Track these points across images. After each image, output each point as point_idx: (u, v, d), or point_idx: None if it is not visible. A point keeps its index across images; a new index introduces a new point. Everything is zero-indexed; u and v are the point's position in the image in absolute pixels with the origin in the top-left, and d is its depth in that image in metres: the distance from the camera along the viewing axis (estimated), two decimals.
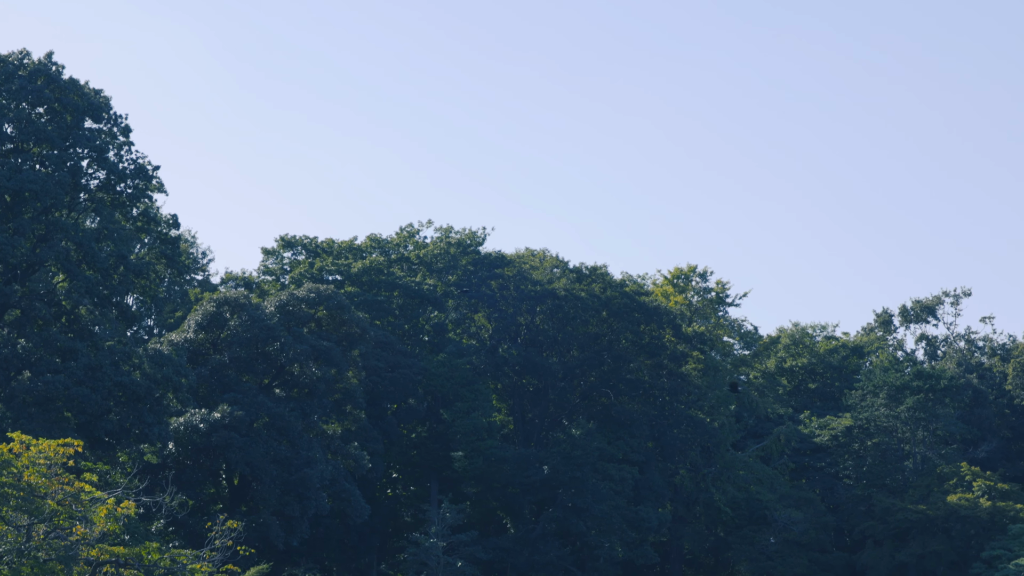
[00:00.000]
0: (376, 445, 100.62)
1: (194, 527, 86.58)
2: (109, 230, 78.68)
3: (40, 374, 72.03)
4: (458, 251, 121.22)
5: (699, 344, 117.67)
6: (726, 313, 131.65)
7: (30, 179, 74.23)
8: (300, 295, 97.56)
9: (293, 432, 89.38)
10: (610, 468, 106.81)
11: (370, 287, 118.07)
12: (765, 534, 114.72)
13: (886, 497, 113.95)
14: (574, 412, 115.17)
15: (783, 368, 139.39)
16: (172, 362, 79.12)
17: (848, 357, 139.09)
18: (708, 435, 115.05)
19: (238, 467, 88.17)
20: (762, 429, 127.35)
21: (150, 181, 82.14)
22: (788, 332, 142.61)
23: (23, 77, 77.12)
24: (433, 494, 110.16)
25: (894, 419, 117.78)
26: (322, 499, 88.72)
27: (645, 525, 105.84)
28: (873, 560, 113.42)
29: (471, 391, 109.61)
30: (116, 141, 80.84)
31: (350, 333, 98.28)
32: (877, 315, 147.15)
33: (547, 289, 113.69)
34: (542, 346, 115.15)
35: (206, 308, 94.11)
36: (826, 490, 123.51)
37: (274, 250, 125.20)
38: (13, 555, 40.36)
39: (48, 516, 40.01)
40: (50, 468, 40.70)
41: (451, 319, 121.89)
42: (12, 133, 77.64)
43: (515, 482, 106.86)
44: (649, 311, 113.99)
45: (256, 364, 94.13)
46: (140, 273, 79.88)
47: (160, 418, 77.37)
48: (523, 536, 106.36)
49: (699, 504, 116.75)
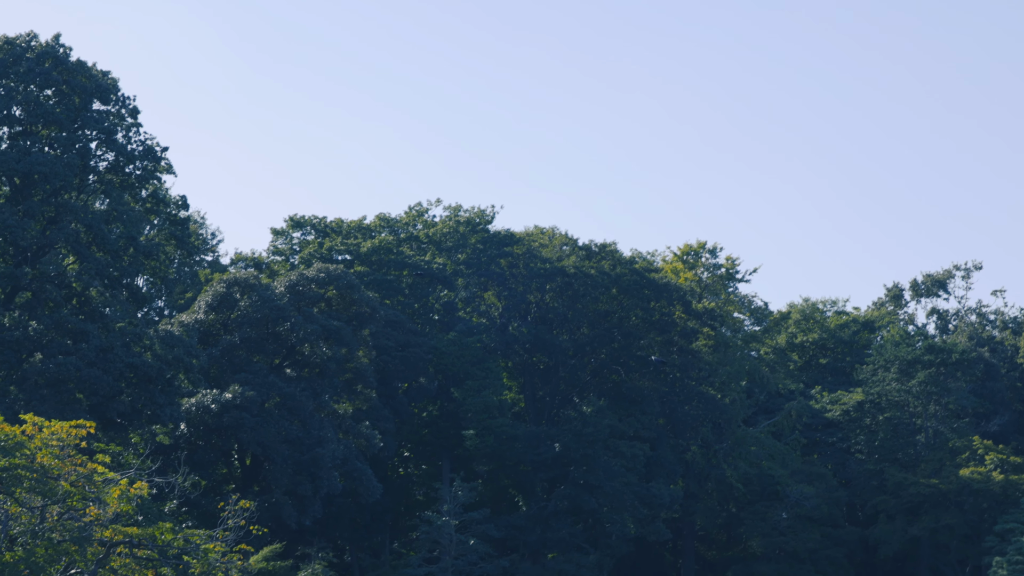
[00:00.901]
0: (387, 424, 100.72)
1: (207, 507, 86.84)
2: (118, 212, 78.72)
3: (52, 356, 72.14)
4: (467, 229, 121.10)
5: (709, 320, 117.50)
6: (736, 289, 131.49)
7: (39, 161, 74.25)
8: (310, 275, 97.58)
9: (304, 412, 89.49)
10: (621, 445, 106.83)
11: (379, 266, 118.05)
12: (777, 509, 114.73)
13: (898, 471, 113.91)
14: (585, 389, 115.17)
15: (794, 343, 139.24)
16: (183, 343, 79.21)
17: (859, 332, 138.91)
18: (719, 411, 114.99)
19: (250, 447, 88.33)
20: (773, 405, 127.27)
21: (159, 162, 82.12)
22: (798, 307, 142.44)
23: (31, 59, 77.07)
24: (445, 472, 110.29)
25: (906, 393, 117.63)
26: (334, 478, 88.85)
27: (657, 502, 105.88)
28: (886, 534, 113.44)
29: (482, 369, 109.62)
30: (124, 123, 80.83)
31: (360, 312, 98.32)
32: (888, 289, 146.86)
33: (557, 267, 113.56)
34: (552, 324, 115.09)
35: (216, 289, 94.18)
36: (838, 465, 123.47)
37: (283, 230, 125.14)
38: (27, 536, 40.49)
39: (61, 497, 40.11)
40: (63, 450, 40.81)
41: (461, 298, 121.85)
42: (20, 115, 77.65)
43: (526, 460, 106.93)
44: (659, 288, 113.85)
45: (267, 344, 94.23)
46: (150, 255, 79.94)
47: (172, 399, 77.50)
48: (535, 514, 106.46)
49: (711, 480, 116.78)
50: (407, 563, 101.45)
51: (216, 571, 43.34)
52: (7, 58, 76.94)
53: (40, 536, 40.29)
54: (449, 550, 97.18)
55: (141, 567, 42.42)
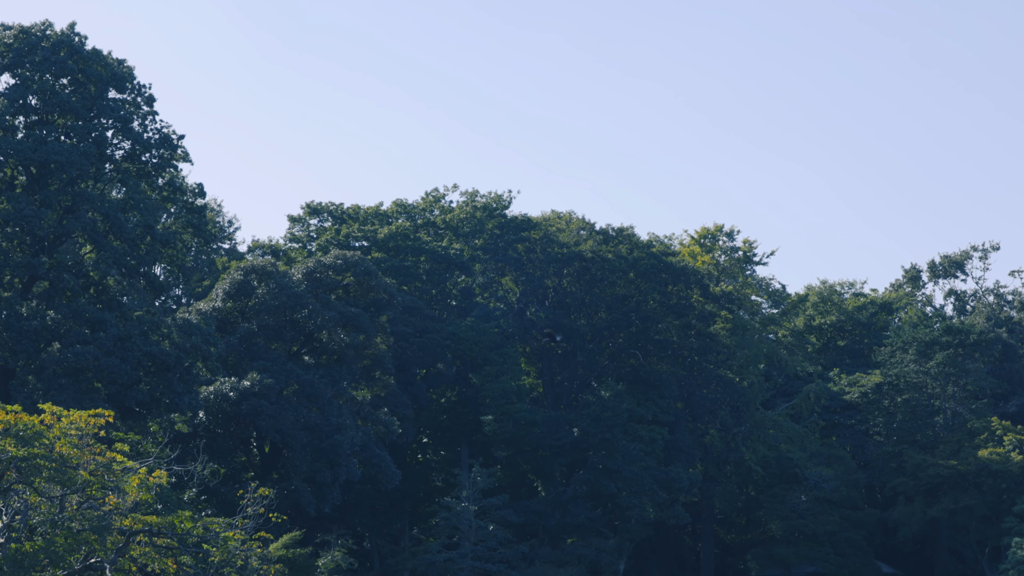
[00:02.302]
0: (406, 411, 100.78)
1: (226, 495, 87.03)
2: (135, 200, 78.79)
3: (70, 345, 72.27)
4: (484, 215, 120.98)
5: (727, 304, 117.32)
6: (753, 272, 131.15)
7: (55, 150, 74.35)
8: (327, 262, 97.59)
9: (323, 399, 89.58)
10: (640, 429, 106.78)
11: (397, 252, 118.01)
12: (796, 492, 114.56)
13: (917, 453, 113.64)
14: (603, 374, 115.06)
15: (812, 326, 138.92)
16: (201, 331, 79.30)
17: (877, 314, 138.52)
18: (738, 394, 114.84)
19: (269, 435, 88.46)
20: (792, 387, 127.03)
21: (175, 151, 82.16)
22: (816, 290, 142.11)
23: (46, 48, 77.12)
24: (464, 458, 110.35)
25: (924, 375, 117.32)
26: (353, 465, 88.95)
27: (676, 485, 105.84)
28: (905, 516, 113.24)
29: (500, 355, 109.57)
30: (140, 111, 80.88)
31: (378, 299, 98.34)
32: (905, 271, 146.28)
33: (574, 251, 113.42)
34: (570, 308, 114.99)
35: (233, 277, 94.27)
36: (856, 447, 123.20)
37: (300, 217, 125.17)
38: (47, 526, 40.61)
39: (81, 486, 40.19)
40: (82, 439, 40.87)
41: (478, 283, 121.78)
42: (37, 104, 77.75)
43: (545, 445, 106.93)
44: (676, 271, 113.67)
45: (284, 332, 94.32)
46: (167, 243, 79.99)
47: (190, 387, 77.62)
48: (554, 498, 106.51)
49: (729, 463, 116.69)
50: (427, 549, 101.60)
51: (236, 559, 43.43)
52: (23, 47, 77.02)
53: (60, 525, 40.39)
54: (468, 536, 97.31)
55: (161, 555, 42.51)
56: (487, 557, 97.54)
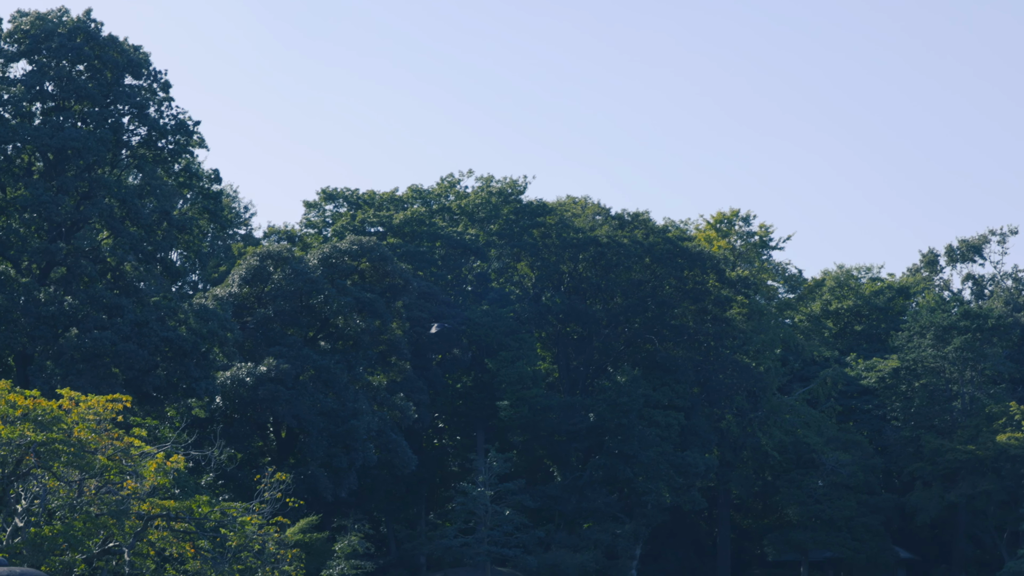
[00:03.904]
0: (422, 396, 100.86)
1: (243, 480, 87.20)
2: (151, 186, 78.92)
3: (87, 331, 72.42)
4: (499, 200, 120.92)
5: (743, 288, 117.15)
6: (770, 257, 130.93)
7: (72, 137, 74.45)
8: (343, 247, 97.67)
9: (339, 384, 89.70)
10: (656, 414, 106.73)
11: (412, 238, 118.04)
12: (813, 477, 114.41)
13: (934, 438, 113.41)
14: (619, 359, 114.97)
15: (828, 311, 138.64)
16: (217, 316, 79.41)
17: (894, 298, 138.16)
18: (754, 379, 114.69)
19: (285, 420, 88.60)
20: (808, 372, 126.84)
21: (191, 136, 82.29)
22: (833, 274, 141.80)
23: (62, 35, 77.22)
24: (479, 443, 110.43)
25: (941, 360, 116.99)
26: (369, 450, 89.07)
27: (692, 470, 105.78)
28: (922, 501, 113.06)
29: (515, 340, 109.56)
30: (156, 97, 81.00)
31: (393, 284, 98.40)
32: (923, 255, 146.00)
33: (589, 236, 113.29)
34: (585, 294, 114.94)
35: (250, 262, 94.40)
36: (874, 432, 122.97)
37: (316, 203, 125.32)
38: (65, 510, 40.73)
39: (99, 471, 40.27)
40: (99, 424, 40.95)
41: (493, 268, 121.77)
42: (53, 91, 77.87)
43: (561, 430, 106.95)
44: (692, 256, 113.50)
45: (300, 317, 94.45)
46: (183, 228, 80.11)
47: (207, 372, 77.75)
48: (570, 483, 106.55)
49: (746, 448, 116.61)
50: (443, 534, 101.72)
51: (253, 543, 43.50)
52: (39, 34, 77.13)
53: (78, 510, 40.51)
54: (485, 520, 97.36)
55: (178, 540, 42.60)
56: (503, 542, 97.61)
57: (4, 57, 78.43)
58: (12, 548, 38.86)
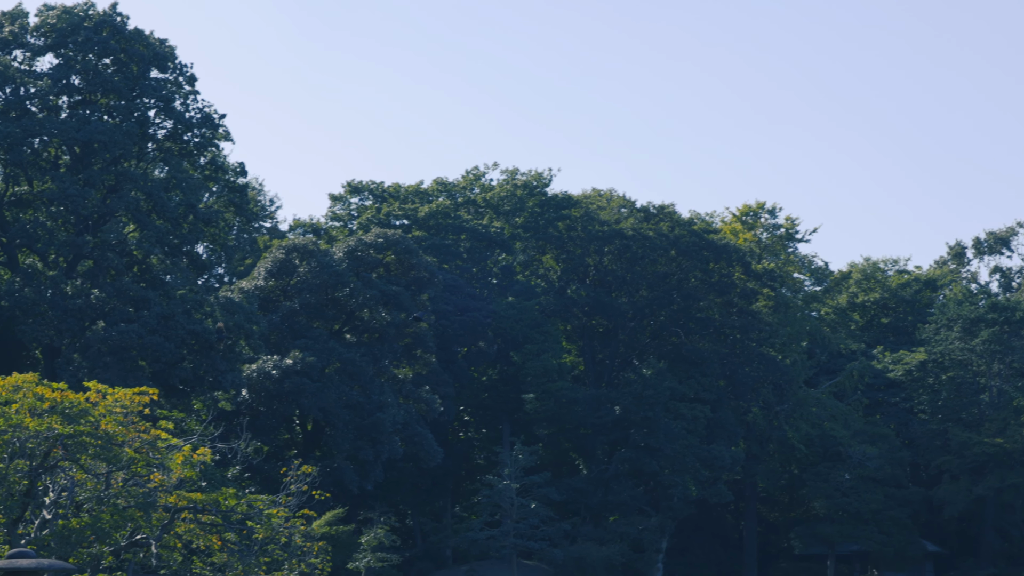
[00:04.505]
0: (447, 389, 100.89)
1: (269, 473, 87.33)
2: (178, 179, 79.15)
3: (114, 324, 72.65)
4: (524, 193, 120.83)
5: (769, 281, 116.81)
6: (796, 249, 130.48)
7: (99, 130, 74.71)
8: (368, 240, 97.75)
9: (364, 377, 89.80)
10: (682, 407, 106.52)
11: (437, 231, 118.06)
12: (840, 470, 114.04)
13: (962, 431, 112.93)
14: (644, 352, 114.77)
15: (855, 303, 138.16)
16: (243, 309, 79.60)
17: (921, 291, 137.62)
18: (780, 372, 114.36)
19: (311, 412, 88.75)
20: (835, 365, 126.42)
21: (216, 130, 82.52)
22: (859, 267, 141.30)
23: (89, 28, 77.49)
24: (505, 436, 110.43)
25: (969, 352, 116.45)
26: (395, 443, 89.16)
27: (718, 463, 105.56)
28: (950, 494, 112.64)
29: (541, 333, 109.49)
30: (182, 90, 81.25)
31: (418, 277, 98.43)
32: (950, 248, 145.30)
33: (615, 229, 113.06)
34: (611, 286, 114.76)
35: (275, 255, 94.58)
36: (901, 425, 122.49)
37: (341, 196, 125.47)
38: (93, 502, 40.78)
39: (126, 464, 40.31)
40: (126, 416, 40.97)
41: (519, 261, 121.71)
42: (80, 84, 78.16)
43: (587, 423, 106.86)
44: (718, 249, 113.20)
45: (326, 310, 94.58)
46: (209, 222, 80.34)
47: (233, 365, 77.96)
48: (596, 476, 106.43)
49: (772, 441, 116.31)
50: (469, 527, 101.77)
51: (279, 536, 43.49)
52: (65, 28, 77.41)
53: (105, 502, 40.55)
54: (510, 513, 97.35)
55: (205, 532, 42.62)
56: (529, 535, 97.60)
57: (31, 51, 78.79)
58: (40, 540, 38.94)
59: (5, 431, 38.38)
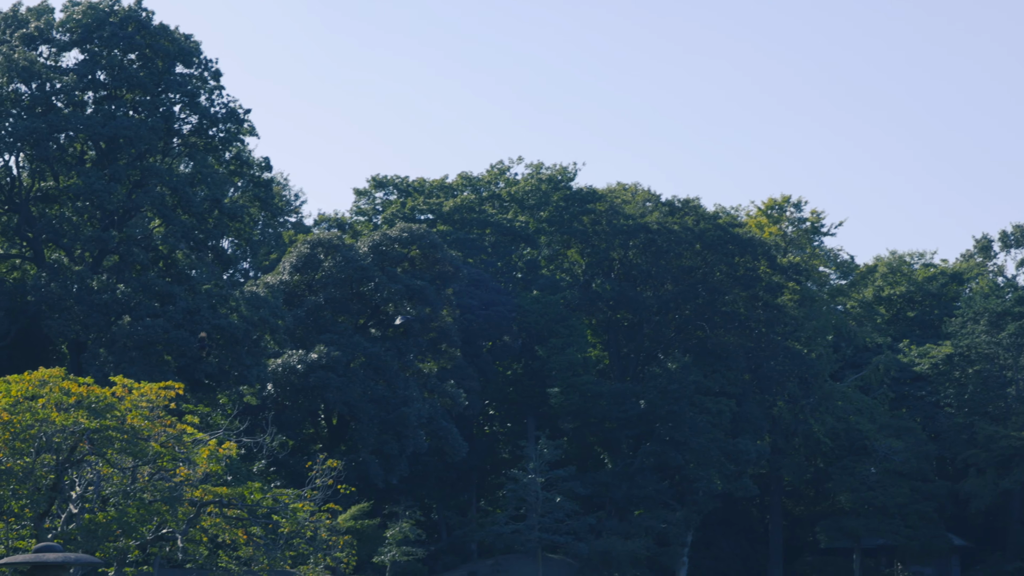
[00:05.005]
0: (472, 383, 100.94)
1: (295, 467, 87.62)
2: (203, 174, 79.34)
3: (140, 318, 72.86)
4: (549, 187, 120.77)
5: (795, 275, 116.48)
6: (821, 243, 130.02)
7: (124, 125, 74.93)
8: (393, 235, 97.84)
9: (389, 371, 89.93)
10: (707, 401, 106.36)
11: (462, 225, 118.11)
12: (866, 464, 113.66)
13: (989, 425, 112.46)
14: (669, 346, 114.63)
15: (881, 297, 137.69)
16: (268, 304, 79.75)
17: (947, 284, 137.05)
18: (806, 366, 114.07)
19: (336, 407, 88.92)
20: (860, 359, 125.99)
21: (241, 125, 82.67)
22: (885, 260, 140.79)
23: (114, 24, 77.72)
24: (530, 430, 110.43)
25: (995, 346, 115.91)
26: (420, 437, 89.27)
27: (744, 457, 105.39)
28: (977, 488, 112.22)
29: (565, 327, 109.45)
30: (207, 86, 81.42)
31: (443, 272, 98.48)
32: (976, 241, 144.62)
33: (640, 223, 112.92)
34: (636, 280, 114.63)
35: (300, 250, 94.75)
36: (927, 419, 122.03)
37: (366, 190, 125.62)
38: (119, 497, 40.91)
39: (152, 458, 40.43)
40: (152, 411, 41.10)
41: (544, 255, 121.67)
42: (105, 80, 78.38)
43: (612, 417, 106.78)
44: (743, 243, 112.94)
45: (351, 304, 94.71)
46: (234, 216, 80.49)
47: (258, 360, 78.11)
48: (621, 470, 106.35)
49: (798, 435, 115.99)
50: (494, 520, 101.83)
51: (305, 530, 43.60)
52: (91, 23, 77.65)
53: (132, 496, 40.68)
54: (535, 507, 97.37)
55: (231, 526, 42.73)
56: (554, 529, 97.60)
57: (57, 46, 79.05)
58: (67, 534, 39.09)
59: (32, 425, 38.54)
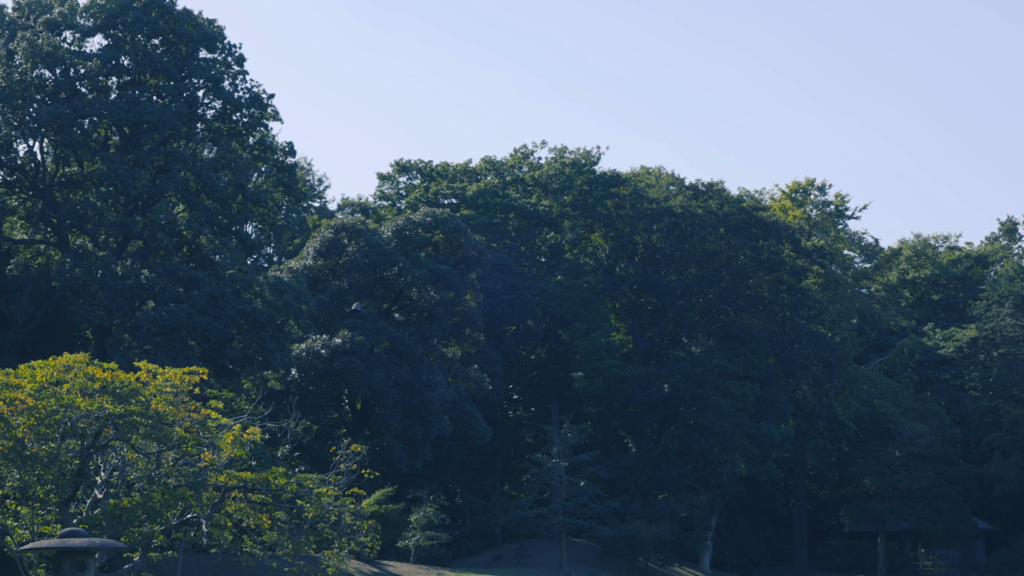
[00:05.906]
0: (496, 367, 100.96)
1: (319, 451, 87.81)
2: (226, 159, 79.39)
3: (164, 304, 73.01)
4: (573, 171, 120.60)
5: (819, 258, 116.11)
6: (846, 226, 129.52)
7: (148, 110, 75.01)
8: (416, 219, 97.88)
9: (413, 356, 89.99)
10: (731, 385, 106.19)
11: (486, 209, 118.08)
12: (890, 447, 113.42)
13: (1013, 408, 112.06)
14: (693, 330, 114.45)
15: (905, 280, 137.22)
16: (292, 289, 79.82)
17: (972, 267, 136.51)
18: (830, 350, 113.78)
19: (360, 391, 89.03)
20: (885, 342, 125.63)
21: (265, 110, 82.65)
22: (909, 243, 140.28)
23: (138, 9, 77.79)
24: (554, 415, 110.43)
25: (1020, 329, 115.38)
26: (444, 422, 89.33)
27: (768, 441, 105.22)
28: (1001, 471, 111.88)
29: (589, 311, 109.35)
30: (231, 71, 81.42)
31: (467, 256, 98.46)
32: (1001, 223, 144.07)
33: (663, 207, 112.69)
34: (660, 264, 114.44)
35: (324, 235, 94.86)
36: (951, 402, 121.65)
37: (389, 175, 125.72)
38: (144, 482, 41.10)
39: (176, 443, 40.59)
40: (177, 396, 41.26)
41: (567, 239, 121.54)
42: (129, 65, 78.47)
43: (636, 401, 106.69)
44: (767, 226, 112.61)
45: (375, 289, 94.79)
46: (258, 201, 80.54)
47: (282, 345, 78.16)
48: (645, 454, 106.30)
49: (822, 419, 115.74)
50: (518, 505, 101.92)
51: (329, 514, 43.68)
52: (115, 8, 77.73)
53: (156, 481, 40.86)
54: (559, 492, 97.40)
55: (255, 511, 42.88)
56: (578, 513, 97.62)
57: (80, 32, 79.18)
58: (92, 519, 39.29)
59: (57, 411, 38.73)
